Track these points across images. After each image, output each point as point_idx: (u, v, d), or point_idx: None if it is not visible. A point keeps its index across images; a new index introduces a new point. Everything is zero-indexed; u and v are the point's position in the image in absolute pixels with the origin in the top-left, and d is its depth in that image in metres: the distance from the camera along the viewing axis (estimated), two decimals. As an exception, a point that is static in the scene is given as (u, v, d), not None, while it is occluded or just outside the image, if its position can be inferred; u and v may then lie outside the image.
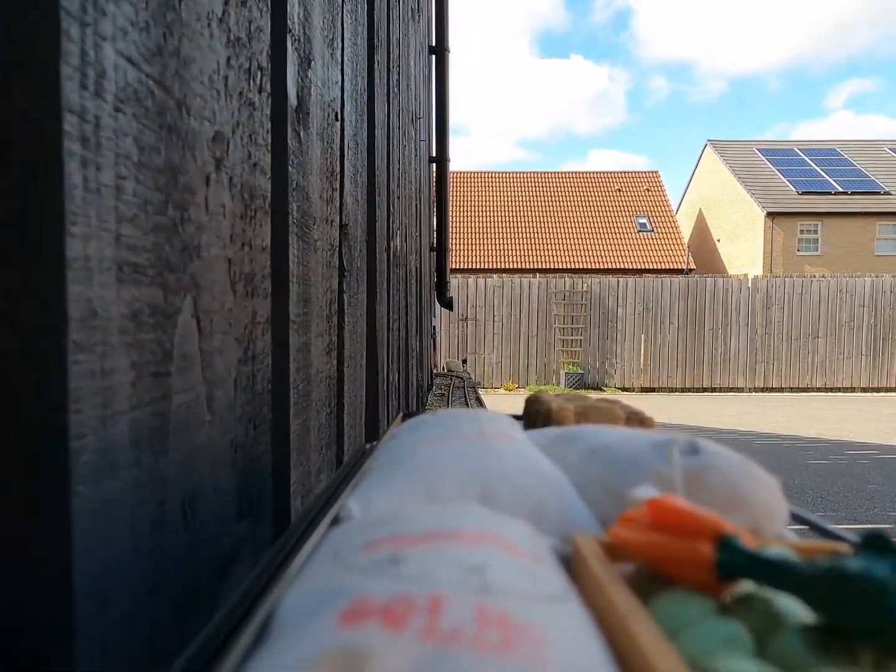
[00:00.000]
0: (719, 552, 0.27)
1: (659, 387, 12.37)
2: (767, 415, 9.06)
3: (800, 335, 12.33)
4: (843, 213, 16.84)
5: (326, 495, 0.34)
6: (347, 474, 0.38)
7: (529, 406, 0.53)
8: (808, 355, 12.33)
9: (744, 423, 8.20)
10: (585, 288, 12.33)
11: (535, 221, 18.96)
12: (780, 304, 12.31)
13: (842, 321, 12.32)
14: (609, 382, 12.39)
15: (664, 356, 12.36)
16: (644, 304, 12.32)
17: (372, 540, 0.28)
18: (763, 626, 0.27)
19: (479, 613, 0.23)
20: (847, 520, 4.40)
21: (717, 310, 12.29)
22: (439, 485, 0.33)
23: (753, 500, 0.32)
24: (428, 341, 4.77)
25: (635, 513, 0.30)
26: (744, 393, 12.32)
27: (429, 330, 4.94)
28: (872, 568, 0.25)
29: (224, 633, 0.25)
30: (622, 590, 0.27)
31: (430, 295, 4.97)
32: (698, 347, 12.33)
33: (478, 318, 12.21)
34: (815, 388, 12.38)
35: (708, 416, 8.86)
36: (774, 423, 8.16)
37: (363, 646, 0.21)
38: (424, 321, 4.08)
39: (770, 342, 12.31)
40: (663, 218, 19.23)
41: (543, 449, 0.39)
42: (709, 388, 12.36)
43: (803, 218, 16.84)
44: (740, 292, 12.27)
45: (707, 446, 0.34)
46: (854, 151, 19.44)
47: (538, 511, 0.32)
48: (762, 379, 12.35)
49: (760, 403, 10.56)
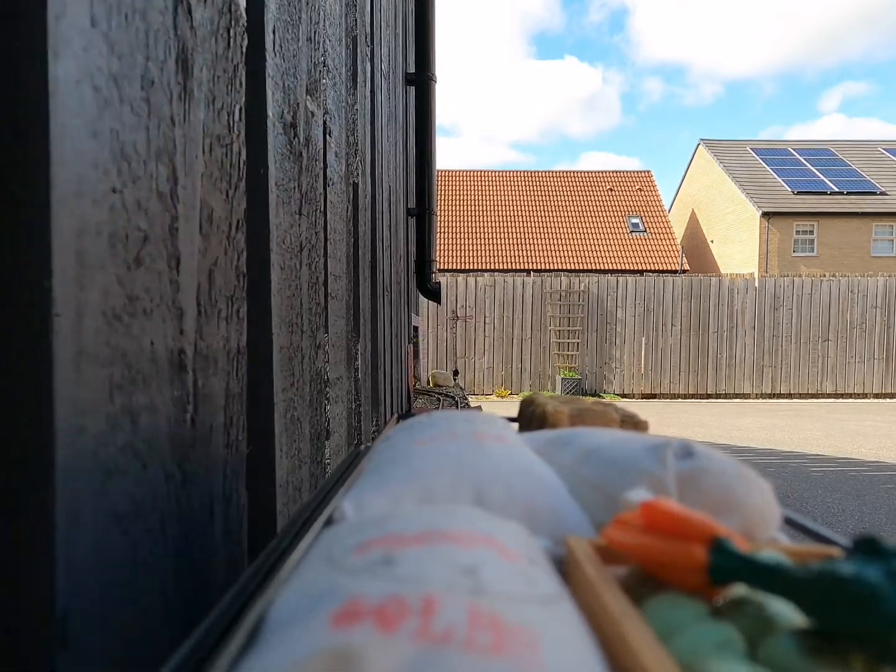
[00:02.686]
0: (712, 555, 0.28)
1: (661, 393, 11.90)
2: (794, 427, 8.21)
3: (809, 338, 11.86)
4: (840, 214, 16.91)
5: (320, 496, 0.34)
6: (342, 475, 0.39)
7: (524, 408, 0.54)
8: (817, 359, 11.85)
9: (776, 439, 7.29)
10: (583, 288, 11.78)
11: (525, 222, 18.95)
12: (788, 305, 11.81)
13: (853, 323, 11.83)
14: (608, 388, 11.87)
15: (666, 361, 11.87)
16: (645, 306, 11.79)
17: (365, 541, 0.28)
18: (755, 629, 0.27)
19: (471, 615, 0.23)
20: None
21: (721, 311, 11.82)
22: (433, 486, 0.33)
23: (746, 503, 0.32)
24: (406, 349, 3.57)
25: (629, 515, 0.31)
26: (750, 399, 11.83)
27: (405, 333, 3.59)
28: (864, 572, 0.25)
29: (215, 634, 0.25)
30: (615, 592, 0.27)
31: (406, 281, 3.61)
32: (702, 351, 11.86)
33: (471, 317, 11.73)
34: (825, 393, 11.91)
35: (727, 429, 8.00)
36: (813, 442, 7.17)
37: (355, 647, 0.21)
38: (397, 320, 2.85)
39: (778, 345, 11.85)
40: (656, 218, 19.29)
41: (538, 451, 0.39)
42: (713, 394, 11.88)
43: (799, 218, 16.93)
44: (746, 293, 11.80)
45: (700, 450, 0.34)
46: (848, 152, 19.58)
47: (531, 512, 0.33)
48: (769, 384, 11.90)
49: (774, 412, 9.79)
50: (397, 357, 2.82)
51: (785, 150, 20.10)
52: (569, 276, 11.94)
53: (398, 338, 2.89)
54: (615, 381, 11.92)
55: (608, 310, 11.86)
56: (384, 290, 1.93)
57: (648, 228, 19.04)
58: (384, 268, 1.95)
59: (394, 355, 2.55)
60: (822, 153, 19.69)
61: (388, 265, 2.13)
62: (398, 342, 2.85)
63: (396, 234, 2.64)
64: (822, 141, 20.87)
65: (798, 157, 19.44)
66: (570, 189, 20.79)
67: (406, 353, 3.59)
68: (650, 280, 11.87)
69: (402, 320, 3.13)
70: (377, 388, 1.65)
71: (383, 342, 1.84)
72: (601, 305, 11.86)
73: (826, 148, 20.09)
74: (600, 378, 11.90)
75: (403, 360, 3.32)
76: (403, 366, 3.32)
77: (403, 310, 3.23)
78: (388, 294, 2.10)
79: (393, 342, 2.48)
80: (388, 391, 2.17)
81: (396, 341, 2.71)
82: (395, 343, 2.62)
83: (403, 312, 3.24)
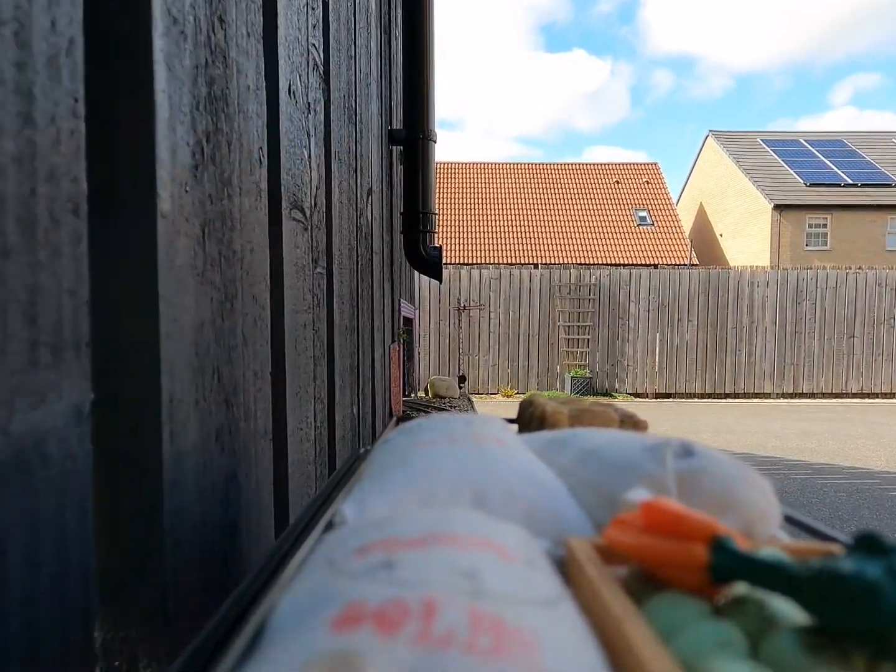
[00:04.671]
0: (712, 554, 0.28)
1: (676, 392, 11.37)
2: (837, 433, 7.42)
3: (834, 334, 11.31)
4: (854, 206, 16.77)
5: (321, 500, 0.35)
6: (341, 479, 0.39)
7: (523, 409, 0.54)
8: (842, 357, 11.30)
9: (827, 450, 6.36)
10: (593, 281, 11.20)
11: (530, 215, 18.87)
12: (811, 299, 11.24)
13: (881, 318, 11.28)
14: (620, 388, 11.35)
15: (682, 358, 11.33)
16: (660, 300, 11.23)
17: (365, 545, 0.28)
18: (756, 627, 0.28)
19: (472, 618, 0.23)
20: None
21: (741, 305, 11.26)
22: (432, 489, 0.34)
23: (746, 502, 0.33)
24: (388, 353, 2.63)
25: (629, 516, 0.31)
26: (770, 399, 11.30)
27: (391, 331, 2.72)
28: (864, 569, 0.25)
29: (217, 639, 0.25)
30: (616, 592, 0.28)
31: (391, 253, 2.78)
32: (720, 348, 11.31)
33: (482, 306, 11.10)
34: (851, 393, 11.37)
35: (761, 435, 7.09)
36: (869, 452, 6.35)
37: (356, 651, 0.22)
38: (378, 318, 2.18)
39: (800, 342, 11.29)
40: (664, 211, 19.20)
41: (537, 452, 0.40)
42: (731, 393, 11.37)
43: (812, 211, 16.81)
44: (767, 286, 11.25)
45: (700, 449, 0.35)
46: (861, 143, 19.44)
47: (530, 514, 0.33)
48: (791, 383, 11.37)
49: (802, 415, 9.11)
50: (367, 374, 1.88)
51: (796, 141, 19.99)
52: (578, 268, 11.41)
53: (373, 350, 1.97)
54: (627, 379, 11.44)
55: (621, 304, 11.33)
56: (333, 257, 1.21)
57: (656, 222, 18.95)
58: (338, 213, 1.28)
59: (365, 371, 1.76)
60: (834, 144, 19.58)
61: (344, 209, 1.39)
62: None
63: (363, 165, 1.82)
64: (834, 132, 20.74)
65: (810, 148, 19.33)
66: (576, 182, 20.70)
67: (391, 358, 2.57)
68: (665, 273, 11.35)
69: (378, 329, 2.21)
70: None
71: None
72: (613, 299, 11.32)
73: (839, 139, 19.98)
74: (612, 376, 11.41)
75: (384, 372, 2.33)
76: (386, 380, 2.41)
77: (384, 293, 2.32)
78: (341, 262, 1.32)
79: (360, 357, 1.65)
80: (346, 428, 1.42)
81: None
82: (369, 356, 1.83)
83: (385, 297, 2.34)
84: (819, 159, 18.68)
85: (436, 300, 11.03)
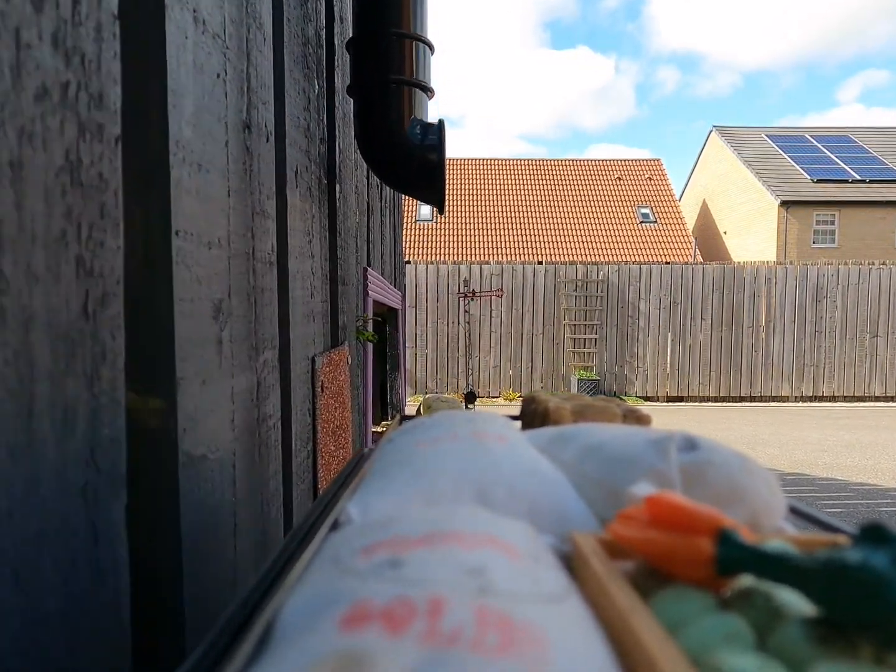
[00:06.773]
0: (718, 547, 0.29)
1: (688, 395, 10.88)
2: (881, 444, 6.73)
3: (856, 333, 10.80)
4: (862, 202, 16.70)
5: (326, 500, 0.36)
6: (346, 479, 0.40)
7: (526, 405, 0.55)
8: (865, 357, 10.80)
9: (884, 468, 5.50)
10: (601, 277, 10.65)
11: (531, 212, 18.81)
12: (832, 296, 10.74)
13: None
14: (629, 390, 10.86)
15: (695, 359, 10.84)
16: (671, 297, 10.70)
17: (371, 544, 0.29)
18: (763, 619, 0.28)
19: (479, 615, 0.24)
20: None
21: (757, 303, 10.74)
22: (437, 487, 0.34)
23: (751, 494, 0.33)
24: (316, 373, 1.31)
25: (634, 510, 0.32)
26: (788, 402, 10.79)
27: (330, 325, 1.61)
28: (870, 559, 0.26)
29: (226, 639, 0.26)
30: (623, 587, 0.28)
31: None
32: (735, 349, 10.81)
33: (501, 292, 10.45)
34: (874, 396, 10.87)
35: (804, 450, 6.27)
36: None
37: (364, 650, 0.22)
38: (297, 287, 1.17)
39: (820, 342, 10.80)
40: (667, 208, 19.14)
41: (541, 449, 0.40)
42: (747, 396, 10.85)
43: (819, 207, 16.74)
44: (785, 283, 10.76)
45: (703, 442, 0.35)
46: (868, 139, 19.37)
47: (534, 510, 0.33)
48: (810, 386, 10.88)
49: (832, 420, 8.50)
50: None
51: (802, 136, 19.98)
52: (585, 264, 10.88)
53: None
54: (637, 381, 10.94)
55: (630, 302, 10.80)
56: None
57: (659, 219, 18.92)
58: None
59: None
60: (841, 140, 19.55)
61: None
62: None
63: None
64: (840, 127, 20.72)
65: (816, 143, 19.31)
66: (578, 178, 20.67)
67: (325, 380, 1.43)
68: (677, 269, 10.83)
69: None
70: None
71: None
72: (622, 297, 10.79)
73: (845, 135, 19.95)
74: (621, 378, 10.90)
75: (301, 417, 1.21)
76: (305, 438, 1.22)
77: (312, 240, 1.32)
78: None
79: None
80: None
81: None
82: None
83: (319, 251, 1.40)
84: (825, 155, 18.66)
85: (433, 295, 10.57)
